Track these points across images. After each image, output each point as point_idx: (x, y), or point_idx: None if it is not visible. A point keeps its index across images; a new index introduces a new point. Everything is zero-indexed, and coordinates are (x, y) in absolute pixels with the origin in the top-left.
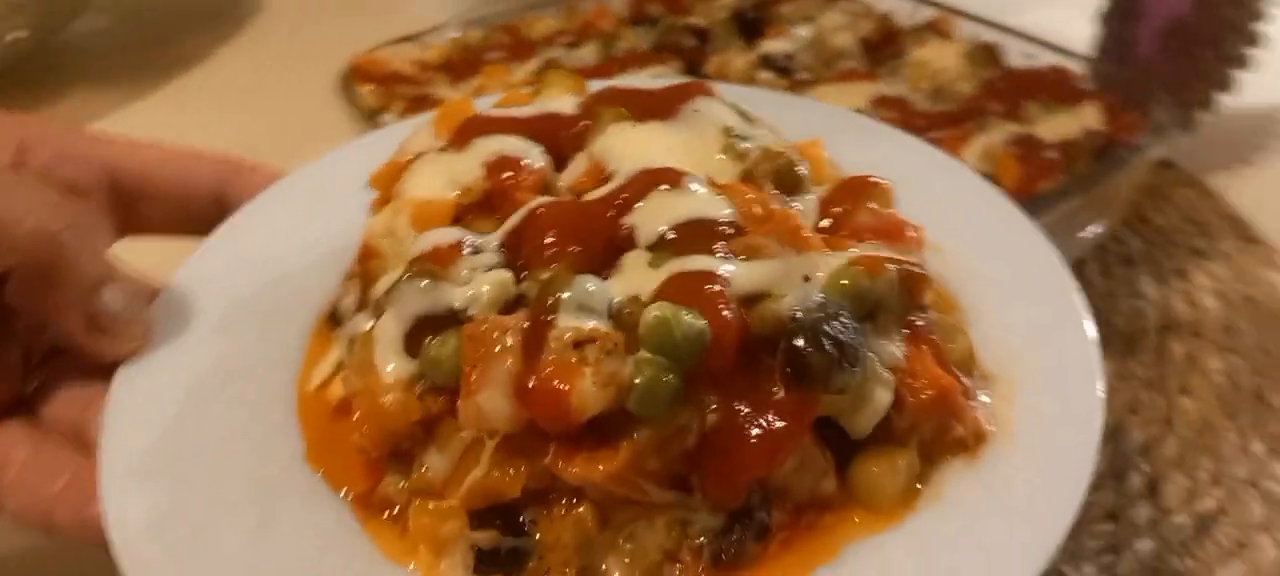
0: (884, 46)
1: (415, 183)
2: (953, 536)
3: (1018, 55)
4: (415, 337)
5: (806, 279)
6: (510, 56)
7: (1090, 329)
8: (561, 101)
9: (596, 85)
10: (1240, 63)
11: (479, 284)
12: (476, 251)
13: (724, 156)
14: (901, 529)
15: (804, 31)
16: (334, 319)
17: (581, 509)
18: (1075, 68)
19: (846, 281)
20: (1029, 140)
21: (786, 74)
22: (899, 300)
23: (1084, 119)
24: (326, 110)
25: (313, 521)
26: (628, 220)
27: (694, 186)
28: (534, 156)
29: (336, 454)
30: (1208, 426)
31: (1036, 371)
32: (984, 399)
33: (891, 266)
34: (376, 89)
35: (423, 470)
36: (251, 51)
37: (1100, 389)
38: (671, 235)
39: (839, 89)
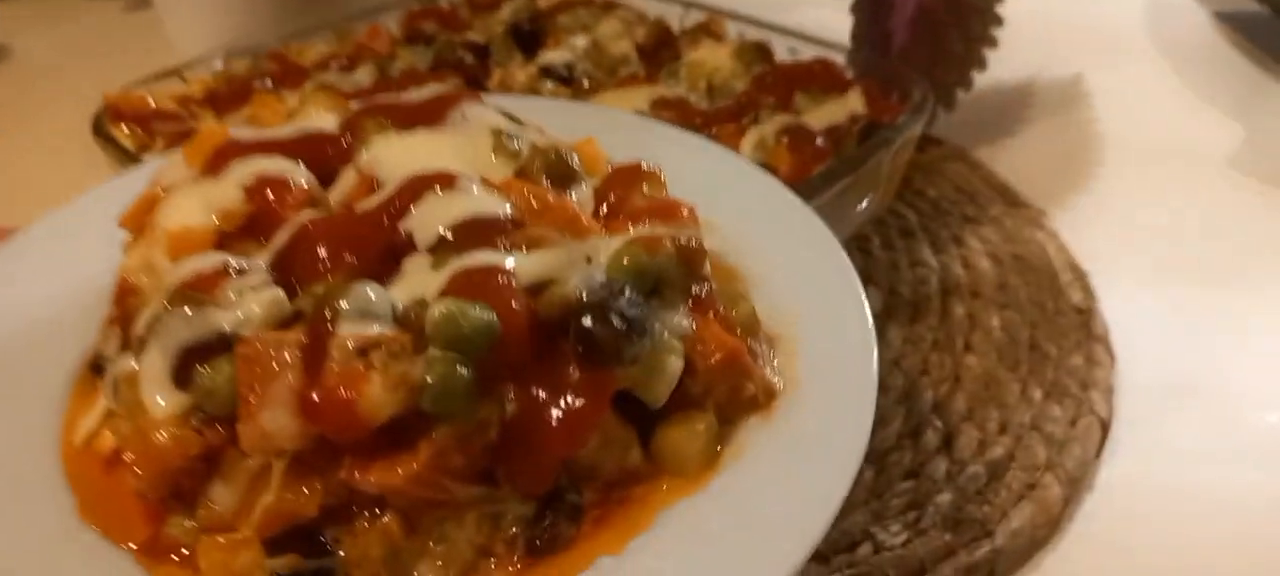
0: (660, 50)
1: (170, 214)
2: (757, 489)
3: (784, 51)
4: (184, 369)
5: (588, 261)
6: (280, 84)
7: (856, 282)
8: (322, 120)
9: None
10: (987, 42)
11: (248, 304)
12: (243, 273)
13: (496, 156)
14: (709, 489)
15: (581, 41)
16: (96, 367)
17: (386, 518)
18: (839, 59)
19: (627, 260)
20: (799, 129)
21: (568, 83)
22: (680, 273)
23: (849, 105)
24: (83, 158)
25: None
26: (403, 226)
27: (468, 186)
28: (297, 175)
29: (113, 506)
30: (992, 379)
31: (814, 328)
32: (770, 358)
33: (669, 242)
34: (134, 129)
35: (209, 505)
36: None
37: (871, 333)
38: (450, 236)
39: (620, 94)
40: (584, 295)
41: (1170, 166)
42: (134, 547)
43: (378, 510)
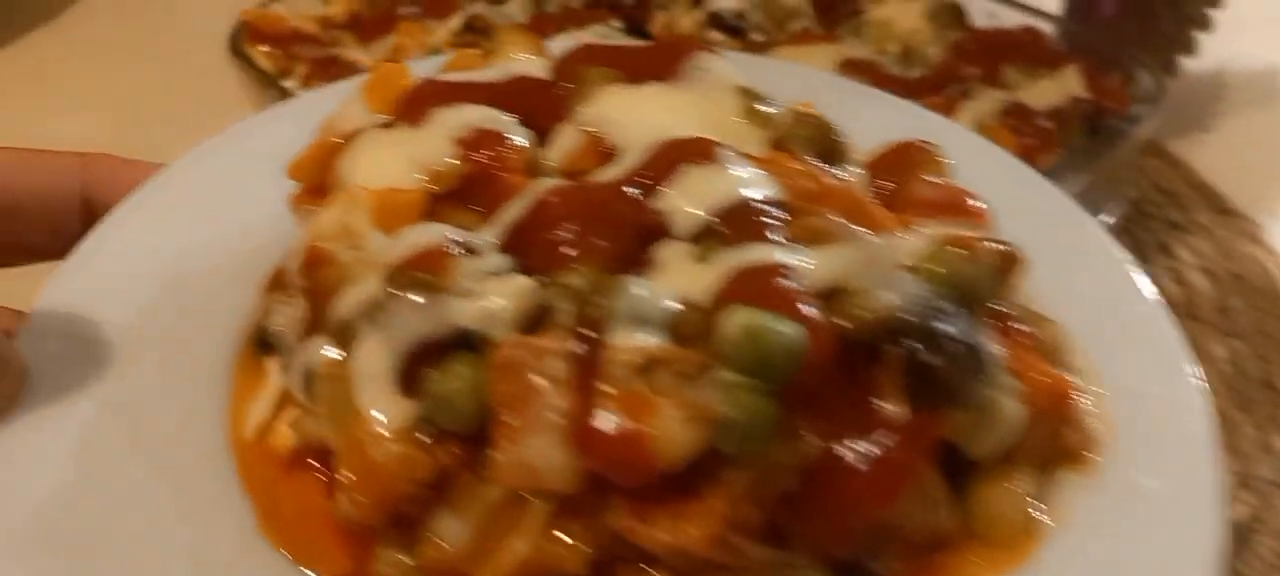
0: (838, 5)
1: (365, 168)
2: (1100, 569)
3: (982, 15)
4: (411, 371)
5: (893, 267)
6: (427, 12)
7: (1158, 300)
8: (527, 63)
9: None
10: (1201, 23)
11: (491, 295)
12: (470, 253)
13: (745, 122)
14: (1038, 567)
15: None
16: (262, 343)
17: None
18: (1044, 27)
19: (943, 268)
20: (1020, 109)
21: (739, 35)
22: (991, 287)
23: (1067, 85)
24: (217, 80)
25: None
26: (656, 205)
27: (731, 159)
28: (515, 131)
29: (299, 521)
30: (1224, 421)
31: (1114, 356)
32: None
33: (983, 247)
34: (273, 51)
35: (433, 541)
36: (120, 13)
37: (1190, 360)
38: (716, 222)
39: (799, 51)
40: (906, 313)
41: None
42: None
43: (645, 566)
